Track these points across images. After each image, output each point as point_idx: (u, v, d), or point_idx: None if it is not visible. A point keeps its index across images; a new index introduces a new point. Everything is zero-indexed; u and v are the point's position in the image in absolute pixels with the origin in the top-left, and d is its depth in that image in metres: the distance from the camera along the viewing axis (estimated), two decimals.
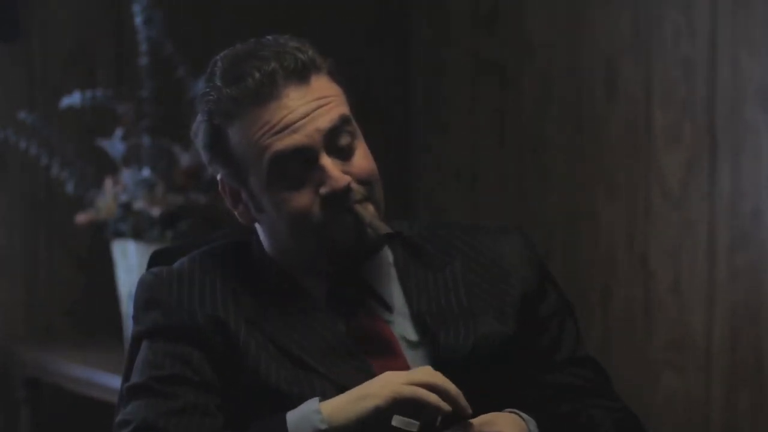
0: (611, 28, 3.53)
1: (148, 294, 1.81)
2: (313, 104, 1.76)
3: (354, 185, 1.76)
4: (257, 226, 1.85)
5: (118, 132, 3.39)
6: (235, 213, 1.85)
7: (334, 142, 1.76)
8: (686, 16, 3.35)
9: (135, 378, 1.78)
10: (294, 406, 1.72)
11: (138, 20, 3.40)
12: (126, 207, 3.34)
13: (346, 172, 1.75)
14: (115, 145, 3.40)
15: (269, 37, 1.81)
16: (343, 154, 1.77)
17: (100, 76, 3.68)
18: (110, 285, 3.48)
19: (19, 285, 3.67)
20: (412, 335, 1.81)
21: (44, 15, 3.64)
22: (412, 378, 1.66)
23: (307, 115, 1.75)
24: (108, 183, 3.37)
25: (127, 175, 3.35)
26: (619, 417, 1.84)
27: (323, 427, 1.66)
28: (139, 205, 3.32)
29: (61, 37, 3.67)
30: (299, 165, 1.75)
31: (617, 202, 3.53)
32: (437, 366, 1.75)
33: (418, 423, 1.64)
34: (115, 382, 2.99)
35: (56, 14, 3.66)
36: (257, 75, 1.75)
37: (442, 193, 3.91)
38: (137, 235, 3.33)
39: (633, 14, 3.47)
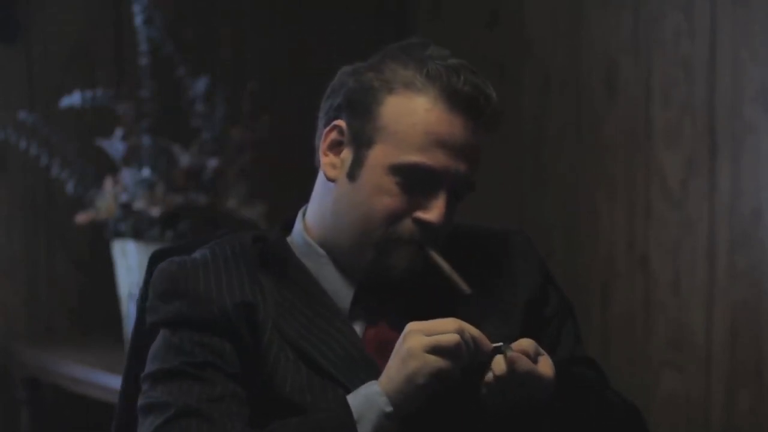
0: (611, 28, 3.53)
1: (171, 283, 1.78)
2: (473, 149, 1.78)
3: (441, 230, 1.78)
4: (322, 187, 1.83)
5: (118, 132, 3.39)
6: (323, 160, 1.81)
7: (454, 190, 1.78)
8: (686, 16, 3.35)
9: (162, 364, 1.73)
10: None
11: (138, 20, 3.40)
12: (126, 207, 3.34)
13: None
14: (115, 145, 3.40)
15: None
16: (448, 204, 1.78)
17: (100, 76, 3.68)
18: (110, 285, 3.48)
19: (19, 285, 3.67)
20: None
21: (44, 15, 3.64)
22: (437, 341, 1.65)
23: (462, 153, 1.77)
24: (108, 183, 3.37)
25: (127, 175, 3.35)
26: (619, 402, 1.85)
27: (389, 409, 1.65)
28: (139, 205, 3.31)
29: (61, 37, 3.67)
30: (422, 179, 1.76)
31: (617, 202, 3.53)
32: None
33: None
34: (115, 382, 2.99)
35: (56, 14, 3.66)
36: (462, 82, 1.77)
37: None
38: (137, 235, 3.33)
39: (633, 14, 3.47)
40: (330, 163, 1.80)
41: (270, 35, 3.93)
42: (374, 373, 1.73)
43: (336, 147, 1.80)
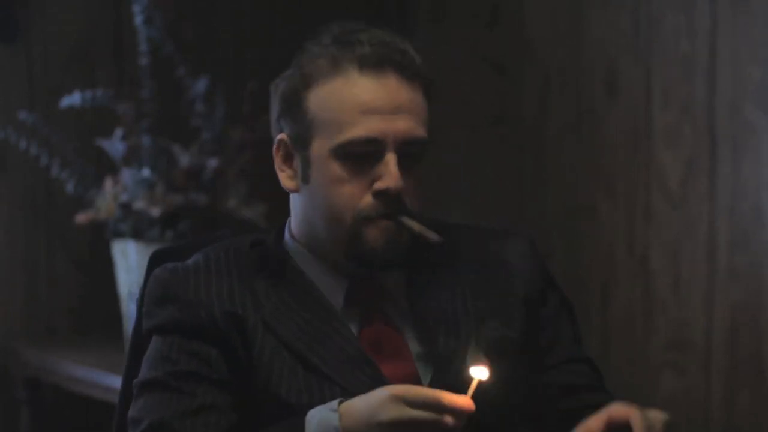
0: (611, 28, 3.53)
1: (163, 289, 1.79)
2: (404, 104, 1.76)
3: (404, 196, 1.75)
4: (292, 199, 1.84)
5: (118, 132, 3.40)
6: (280, 176, 1.83)
7: (404, 151, 1.76)
8: (686, 16, 3.35)
9: (148, 373, 1.76)
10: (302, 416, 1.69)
11: (138, 20, 3.40)
12: (126, 207, 3.34)
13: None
14: (115, 145, 3.40)
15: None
16: (405, 167, 1.76)
17: (100, 76, 3.68)
18: (110, 285, 3.48)
19: (19, 285, 3.67)
20: (416, 344, 1.80)
21: (44, 15, 3.64)
22: (413, 400, 1.60)
23: (396, 111, 1.75)
24: (108, 183, 3.37)
25: (127, 175, 3.35)
26: None
27: None
28: (139, 205, 3.31)
29: (61, 37, 3.67)
30: (365, 152, 1.74)
31: (617, 202, 3.53)
32: (438, 369, 1.75)
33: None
34: (115, 382, 2.99)
35: (56, 14, 3.66)
36: (367, 47, 1.77)
37: (442, 192, 3.91)
38: (137, 235, 3.33)
39: (633, 14, 3.47)
40: (287, 177, 1.82)
41: (270, 35, 3.93)
42: (372, 370, 1.74)
43: (287, 160, 1.82)
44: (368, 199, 1.75)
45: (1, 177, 3.63)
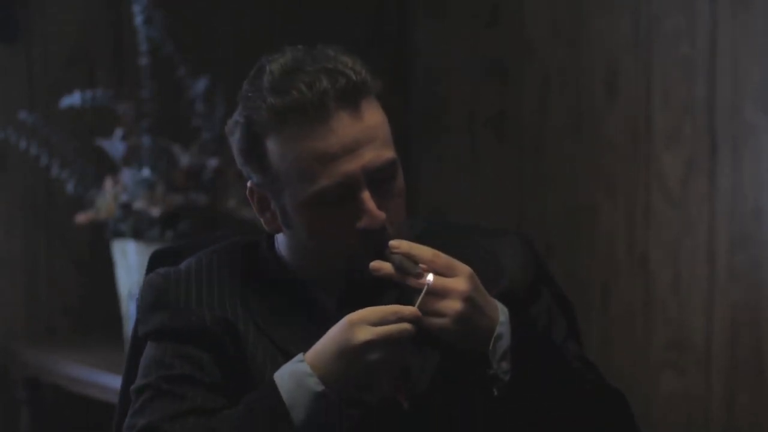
0: (611, 28, 3.53)
1: (155, 295, 1.80)
2: (361, 135, 1.71)
3: (387, 224, 1.73)
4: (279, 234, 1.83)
5: (118, 132, 3.40)
6: (261, 220, 1.81)
7: (376, 178, 1.72)
8: (686, 16, 3.35)
9: (142, 379, 1.77)
10: None
11: (138, 20, 3.40)
12: (126, 207, 3.34)
13: (381, 208, 1.72)
14: (115, 145, 3.40)
15: (320, 47, 1.75)
16: (381, 191, 1.73)
17: (100, 76, 3.68)
18: (110, 285, 3.48)
19: (19, 285, 3.67)
20: None
21: (44, 15, 3.64)
22: (374, 320, 1.65)
23: (355, 147, 1.70)
24: (108, 183, 3.37)
25: (127, 175, 3.35)
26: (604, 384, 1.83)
27: (320, 389, 1.65)
28: (139, 205, 3.31)
29: (61, 37, 3.67)
30: (338, 195, 1.71)
31: (617, 202, 3.53)
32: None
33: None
34: (115, 382, 2.99)
35: (56, 14, 3.66)
36: (306, 91, 1.69)
37: (442, 192, 3.92)
38: (137, 235, 3.33)
39: (633, 14, 3.47)
40: (267, 221, 1.80)
41: (270, 35, 3.93)
42: None
43: (263, 205, 1.79)
44: (354, 239, 1.72)
45: (1, 177, 3.63)
